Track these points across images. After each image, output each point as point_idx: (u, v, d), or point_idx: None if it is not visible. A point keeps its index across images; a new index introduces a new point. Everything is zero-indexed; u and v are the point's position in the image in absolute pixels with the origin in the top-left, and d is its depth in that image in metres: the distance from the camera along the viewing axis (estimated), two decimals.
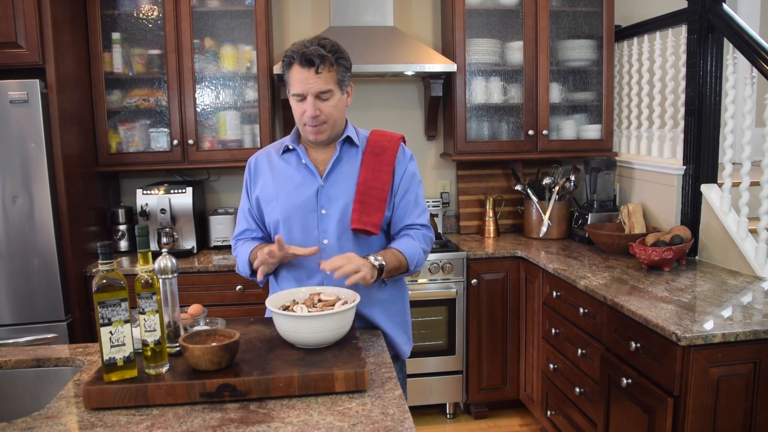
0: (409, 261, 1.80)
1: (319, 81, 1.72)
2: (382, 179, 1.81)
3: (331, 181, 1.82)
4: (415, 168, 1.91)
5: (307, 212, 1.81)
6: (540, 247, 3.30)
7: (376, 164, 1.82)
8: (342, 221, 1.80)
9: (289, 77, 1.76)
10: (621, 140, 3.55)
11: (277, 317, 1.58)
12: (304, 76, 1.72)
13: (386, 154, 1.84)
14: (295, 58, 1.72)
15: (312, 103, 1.73)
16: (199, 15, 3.26)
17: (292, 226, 1.82)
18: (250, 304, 3.05)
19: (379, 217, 1.79)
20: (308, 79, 1.71)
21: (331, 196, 1.81)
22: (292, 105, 1.79)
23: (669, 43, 3.11)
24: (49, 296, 2.76)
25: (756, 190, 2.58)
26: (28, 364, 1.74)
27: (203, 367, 1.43)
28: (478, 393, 3.33)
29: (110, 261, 1.41)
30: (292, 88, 1.76)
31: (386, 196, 1.81)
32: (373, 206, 1.79)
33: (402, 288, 1.97)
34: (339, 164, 1.84)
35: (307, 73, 1.71)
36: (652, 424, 2.07)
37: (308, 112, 1.73)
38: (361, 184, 1.80)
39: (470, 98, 3.49)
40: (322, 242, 1.80)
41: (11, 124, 2.66)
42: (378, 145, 1.86)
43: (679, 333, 1.90)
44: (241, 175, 3.66)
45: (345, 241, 1.81)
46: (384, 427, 1.28)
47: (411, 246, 1.82)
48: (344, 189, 1.81)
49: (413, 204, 1.88)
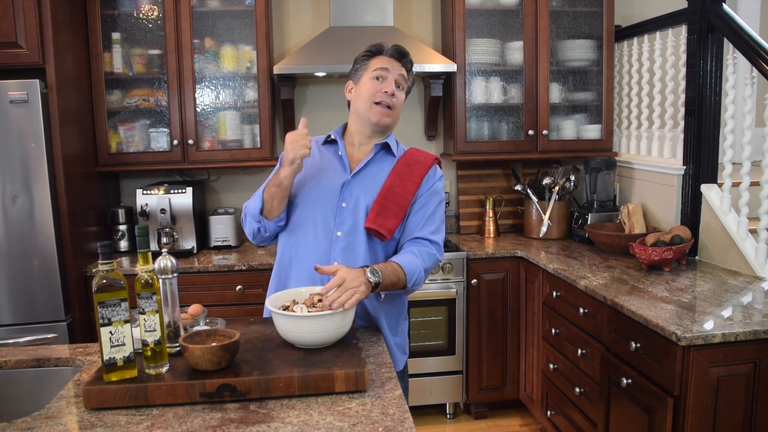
0: (408, 278, 1.74)
1: (402, 70, 1.85)
2: (407, 188, 1.82)
3: (358, 178, 1.84)
4: (442, 187, 1.92)
5: (328, 201, 1.82)
6: (540, 247, 3.30)
7: (405, 173, 1.84)
8: (358, 219, 1.80)
9: (367, 63, 1.86)
10: (621, 140, 3.55)
11: (277, 317, 1.58)
12: (391, 62, 1.84)
13: (418, 166, 1.86)
14: (384, 50, 1.85)
15: (392, 82, 1.82)
16: (199, 15, 3.26)
17: (310, 213, 1.83)
18: (250, 304, 3.05)
19: (395, 223, 1.79)
20: (394, 64, 1.84)
21: (354, 192, 1.82)
22: (365, 86, 1.84)
23: (669, 43, 3.11)
24: (49, 296, 2.76)
25: (756, 190, 2.58)
26: (28, 364, 1.73)
27: (203, 367, 1.43)
28: (478, 393, 3.33)
29: (110, 261, 1.40)
30: (373, 65, 1.84)
31: (407, 206, 1.81)
32: (392, 211, 1.79)
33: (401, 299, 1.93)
34: (371, 165, 1.87)
35: (395, 62, 1.84)
36: (652, 424, 2.07)
37: (388, 87, 1.81)
38: (385, 188, 1.81)
39: (470, 98, 3.49)
40: (335, 234, 1.81)
41: (11, 124, 2.66)
42: (412, 158, 1.89)
43: (679, 333, 1.90)
44: (241, 175, 3.68)
45: (356, 239, 1.81)
46: (384, 427, 1.28)
47: (413, 263, 1.76)
48: (369, 189, 1.83)
49: (428, 218, 1.85)
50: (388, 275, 1.69)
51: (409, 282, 1.75)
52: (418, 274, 1.77)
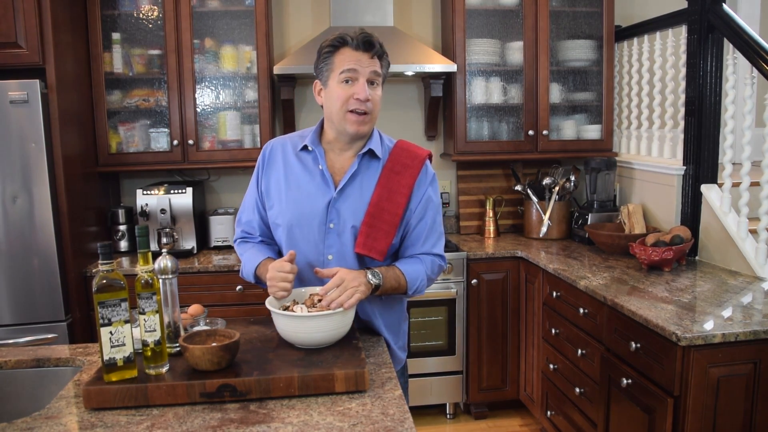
0: (408, 285, 1.71)
1: (373, 64, 1.64)
2: (396, 202, 1.69)
3: (344, 194, 1.71)
4: (435, 191, 1.79)
5: (315, 224, 1.71)
6: (540, 248, 3.30)
7: (393, 184, 1.70)
8: (346, 241, 1.71)
9: (331, 61, 1.65)
10: (621, 140, 3.55)
11: (277, 317, 1.58)
12: (358, 56, 1.62)
13: (406, 174, 1.71)
14: (349, 41, 1.62)
15: (364, 86, 1.63)
16: (199, 15, 3.26)
17: (297, 236, 1.73)
18: (250, 304, 3.05)
19: (386, 243, 1.69)
20: (362, 60, 1.62)
21: (342, 211, 1.70)
22: (335, 91, 1.65)
23: (669, 43, 3.11)
24: (49, 296, 2.76)
25: (756, 191, 2.58)
26: (28, 364, 1.73)
27: (203, 367, 1.43)
28: (478, 393, 3.33)
29: (110, 261, 1.40)
30: (340, 67, 1.63)
31: (398, 222, 1.70)
32: (382, 231, 1.68)
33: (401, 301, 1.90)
34: (356, 178, 1.72)
35: (362, 55, 1.62)
36: (652, 425, 2.07)
37: (361, 93, 1.62)
38: (373, 205, 1.69)
39: (470, 98, 3.49)
40: (326, 258, 1.72)
41: (11, 124, 2.66)
42: (399, 163, 1.73)
43: (679, 333, 1.90)
44: (241, 175, 3.68)
45: (348, 260, 1.72)
46: (384, 427, 1.28)
47: (416, 270, 1.73)
48: (356, 206, 1.70)
49: (428, 231, 1.76)
50: (389, 280, 1.67)
51: (410, 290, 1.72)
52: (420, 283, 1.74)
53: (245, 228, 1.87)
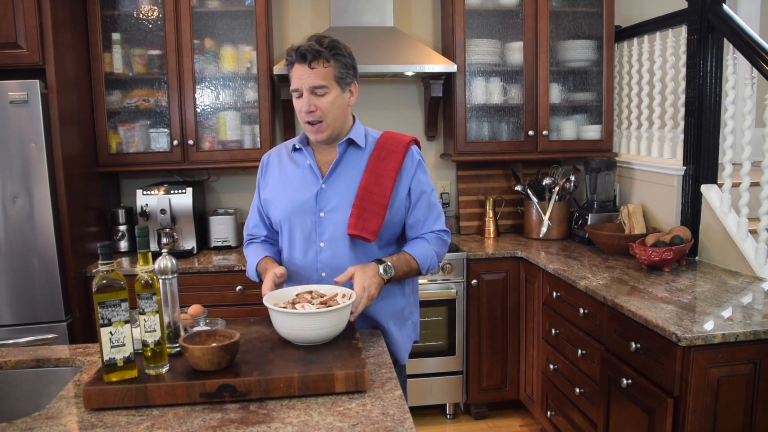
0: (420, 265, 1.83)
1: (312, 76, 1.71)
2: (383, 185, 1.78)
3: (331, 183, 1.81)
4: (424, 173, 1.88)
5: (307, 214, 1.82)
6: (540, 248, 3.30)
7: (380, 169, 1.80)
8: (339, 225, 1.79)
9: (290, 77, 1.77)
10: (621, 140, 3.55)
11: (274, 314, 1.59)
12: (299, 72, 1.72)
13: (391, 159, 1.80)
14: (293, 55, 1.73)
15: (307, 99, 1.73)
16: (199, 15, 3.26)
17: (292, 228, 1.85)
18: (250, 304, 3.05)
19: (377, 223, 1.77)
20: (303, 75, 1.72)
21: (330, 199, 1.80)
22: (294, 104, 1.78)
23: (669, 43, 3.11)
24: (49, 297, 2.76)
25: (756, 191, 2.58)
26: (28, 364, 1.74)
27: (203, 367, 1.43)
28: (478, 393, 3.33)
29: (110, 261, 1.41)
30: (292, 84, 1.75)
31: (386, 203, 1.77)
32: (372, 212, 1.76)
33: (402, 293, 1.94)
34: (341, 166, 1.82)
35: (303, 68, 1.72)
36: (652, 425, 2.07)
37: (302, 107, 1.74)
38: (361, 188, 1.78)
39: (470, 99, 3.49)
40: (319, 245, 1.81)
41: (11, 124, 2.66)
42: (385, 149, 1.83)
43: (679, 333, 1.90)
44: (241, 175, 3.68)
45: (341, 246, 1.80)
46: (384, 427, 1.28)
47: (423, 249, 1.84)
48: (345, 192, 1.80)
49: (426, 212, 1.87)
50: (400, 267, 1.78)
51: (422, 269, 1.85)
52: (431, 260, 1.85)
53: (251, 231, 2.01)
